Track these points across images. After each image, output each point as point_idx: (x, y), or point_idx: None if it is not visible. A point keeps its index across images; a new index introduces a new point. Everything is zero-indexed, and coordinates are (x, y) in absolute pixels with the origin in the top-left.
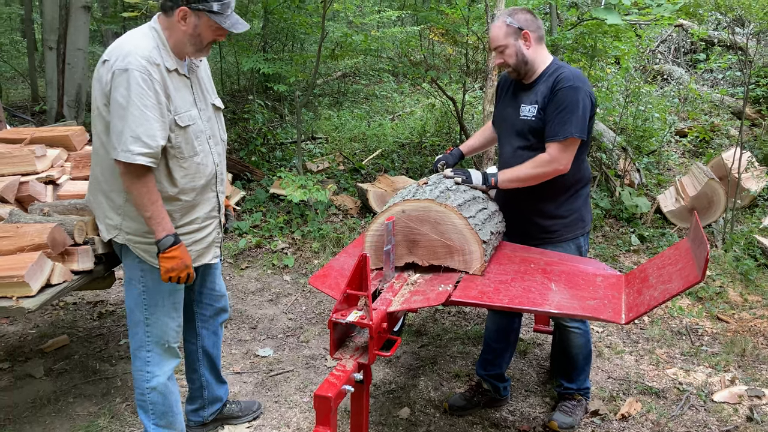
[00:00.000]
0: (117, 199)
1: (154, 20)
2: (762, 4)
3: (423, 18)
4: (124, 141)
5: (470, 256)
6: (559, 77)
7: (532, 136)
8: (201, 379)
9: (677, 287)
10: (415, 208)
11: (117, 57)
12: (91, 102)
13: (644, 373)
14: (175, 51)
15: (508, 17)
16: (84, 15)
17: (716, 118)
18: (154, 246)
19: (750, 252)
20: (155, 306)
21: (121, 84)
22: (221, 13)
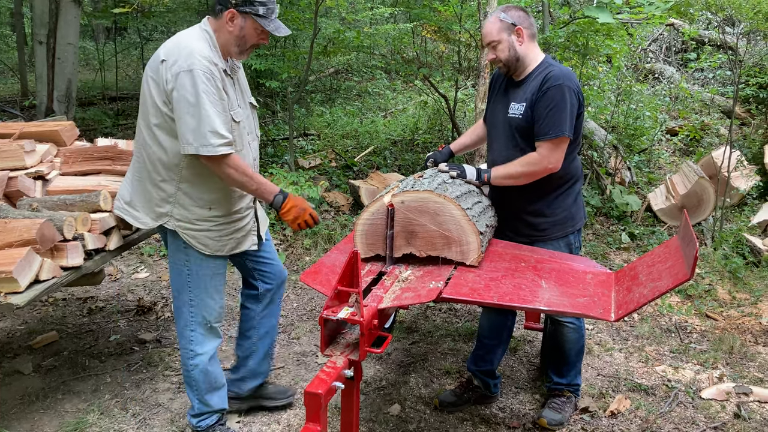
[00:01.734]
0: (168, 188)
1: (205, 23)
2: (752, 4)
3: (416, 15)
4: (203, 136)
5: (467, 246)
6: (548, 76)
7: (518, 134)
8: (252, 347)
9: (666, 285)
10: (414, 199)
11: (177, 58)
12: (141, 98)
13: (633, 370)
14: (222, 52)
15: (502, 13)
16: (74, 9)
17: (707, 116)
18: (202, 233)
19: (739, 250)
20: (199, 288)
21: (187, 84)
22: (266, 17)
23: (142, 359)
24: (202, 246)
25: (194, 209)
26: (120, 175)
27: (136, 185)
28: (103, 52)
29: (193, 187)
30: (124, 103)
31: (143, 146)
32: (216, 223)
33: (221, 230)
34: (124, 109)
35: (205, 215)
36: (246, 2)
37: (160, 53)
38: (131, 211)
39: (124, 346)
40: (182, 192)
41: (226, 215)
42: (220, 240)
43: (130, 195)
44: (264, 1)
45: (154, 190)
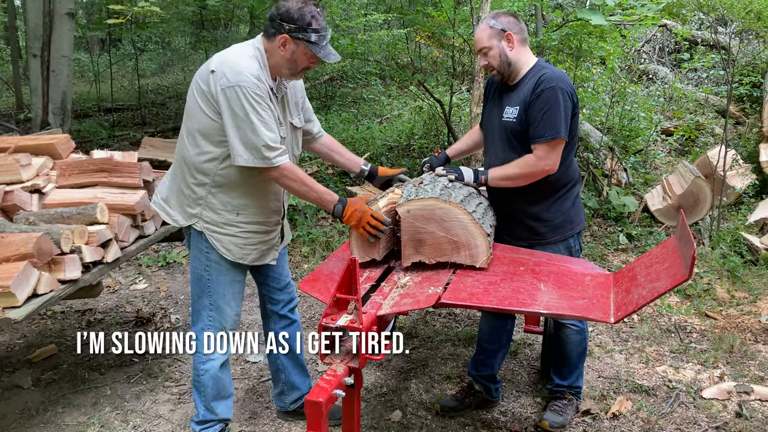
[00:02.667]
0: (199, 191)
1: (258, 40)
2: (744, 4)
3: (409, 21)
4: (256, 149)
5: (476, 249)
6: (541, 78)
7: (514, 138)
8: (277, 361)
9: (665, 285)
10: (420, 207)
11: (226, 71)
12: (187, 103)
13: (634, 372)
14: (271, 71)
15: (492, 20)
16: (68, 22)
17: (701, 116)
18: (228, 237)
19: (736, 249)
20: (217, 294)
21: (235, 99)
22: (317, 43)
23: (142, 371)
24: (225, 251)
25: (223, 213)
26: (116, 187)
27: (172, 184)
28: (97, 63)
29: (224, 192)
30: (119, 114)
31: (183, 148)
32: (242, 230)
33: (247, 238)
34: (119, 120)
35: (233, 220)
36: (299, 29)
37: (212, 63)
38: (166, 208)
39: (123, 357)
40: (213, 196)
41: (253, 223)
42: (244, 248)
43: (167, 192)
44: (317, 29)
45: (187, 191)
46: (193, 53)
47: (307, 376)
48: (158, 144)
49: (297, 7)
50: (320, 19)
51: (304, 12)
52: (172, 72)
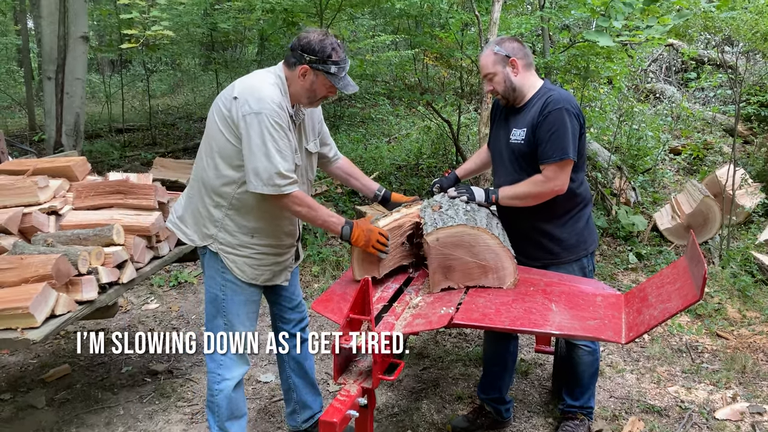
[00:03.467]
0: (216, 213)
1: (280, 68)
2: (750, 25)
3: (417, 42)
4: (269, 177)
5: (504, 272)
6: (548, 100)
7: (522, 159)
8: (289, 381)
9: (676, 306)
10: (449, 235)
11: (249, 98)
12: (208, 125)
13: (646, 392)
14: (291, 99)
15: (496, 46)
16: (82, 45)
17: (709, 135)
18: (242, 259)
19: (747, 268)
20: (232, 314)
21: (255, 126)
22: (336, 75)
23: (155, 390)
24: (239, 272)
25: (238, 235)
26: (132, 209)
27: (188, 204)
28: (109, 84)
29: (240, 215)
30: (130, 135)
31: (201, 170)
32: (257, 251)
33: (261, 259)
34: (130, 140)
35: (248, 242)
36: (320, 61)
37: (234, 89)
38: (182, 227)
39: (136, 377)
40: (229, 218)
41: (267, 245)
42: (258, 269)
43: (183, 211)
44: (337, 61)
45: (204, 212)
46: (203, 74)
47: (319, 395)
48: (169, 164)
49: (318, 38)
50: (340, 51)
51: (324, 44)
52: (182, 93)
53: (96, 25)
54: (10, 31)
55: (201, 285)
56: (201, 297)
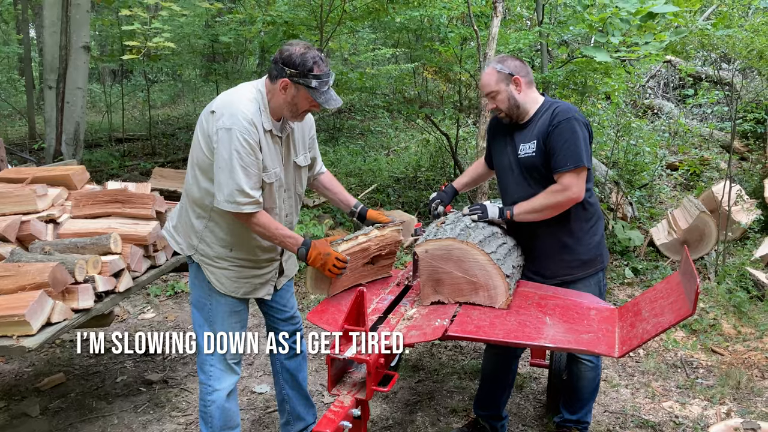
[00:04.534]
0: (197, 225)
1: (261, 83)
2: (745, 43)
3: (417, 56)
4: (230, 194)
5: (495, 291)
6: (556, 111)
7: (536, 172)
8: (282, 392)
9: (669, 321)
10: (438, 247)
11: (224, 113)
12: (193, 139)
13: (640, 407)
14: (273, 113)
15: (498, 64)
16: (84, 55)
17: (706, 151)
18: (220, 271)
19: (742, 284)
20: (218, 324)
21: (225, 141)
22: (317, 89)
23: (149, 400)
24: (218, 284)
25: (216, 248)
26: (130, 218)
27: (180, 214)
28: (109, 94)
29: (218, 228)
30: (130, 145)
31: (187, 182)
32: (234, 264)
33: (239, 272)
34: (130, 150)
35: (226, 255)
36: (300, 75)
37: (213, 104)
38: (175, 235)
39: (130, 387)
40: (209, 230)
41: (245, 260)
42: (237, 281)
43: (177, 220)
44: (318, 75)
45: (188, 223)
46: (203, 85)
47: (312, 407)
48: (168, 174)
49: (300, 52)
50: (322, 65)
51: (306, 57)
52: (182, 103)
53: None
54: (12, 40)
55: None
56: None
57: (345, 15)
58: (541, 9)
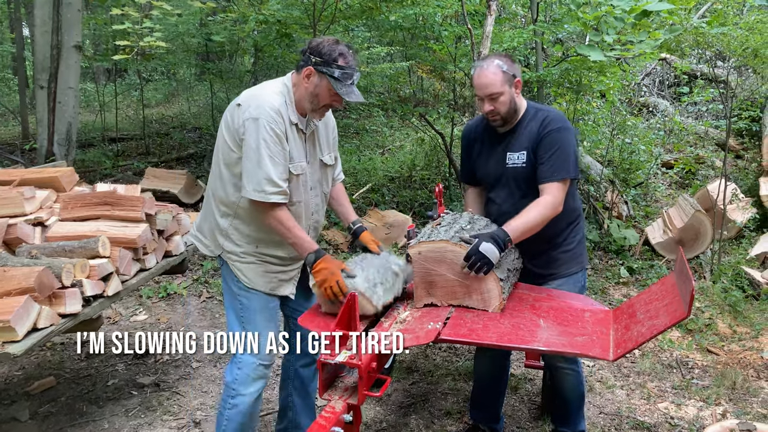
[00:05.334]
0: (223, 223)
1: (288, 77)
2: (740, 41)
3: (412, 55)
4: (258, 182)
5: (488, 294)
6: (547, 120)
7: (523, 182)
8: (288, 399)
9: (664, 323)
10: (431, 249)
11: (250, 105)
12: (218, 135)
13: (636, 408)
14: (297, 107)
15: (502, 63)
16: (75, 54)
17: (701, 149)
18: (247, 265)
19: (738, 283)
20: (251, 324)
21: (252, 130)
22: (341, 80)
23: (141, 404)
24: (245, 278)
25: (243, 244)
26: (119, 221)
27: (205, 215)
28: (103, 93)
29: (244, 224)
30: (123, 144)
31: (211, 180)
32: (261, 259)
33: (265, 267)
34: (123, 150)
35: (252, 251)
36: (325, 63)
37: (239, 98)
38: (201, 237)
39: (122, 390)
40: (233, 228)
41: (272, 256)
42: (264, 276)
43: (201, 222)
44: (343, 66)
45: (214, 222)
46: (198, 84)
47: (314, 417)
48: (161, 174)
49: (329, 43)
50: (349, 58)
51: (333, 48)
52: (176, 102)
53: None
54: (6, 39)
55: (190, 297)
56: (189, 309)
57: (338, 13)
58: (535, 7)
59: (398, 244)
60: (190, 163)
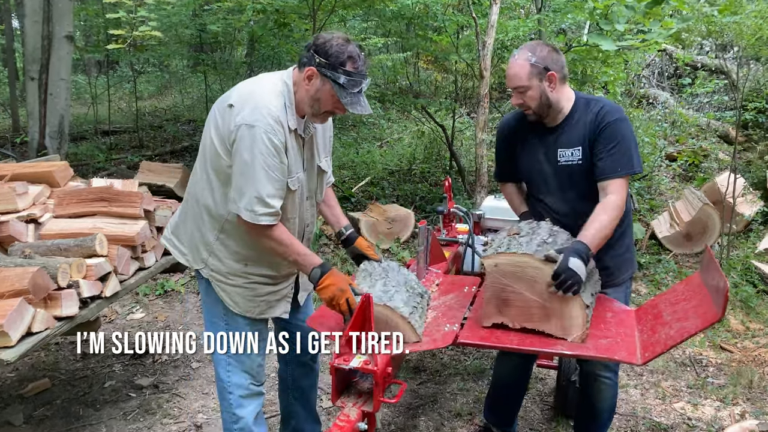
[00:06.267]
0: (208, 236)
1: (288, 73)
2: (754, 29)
3: (412, 45)
4: (249, 201)
5: (570, 321)
6: (602, 111)
7: (579, 179)
8: (290, 408)
9: (695, 325)
10: (510, 263)
11: (244, 108)
12: (203, 135)
13: (651, 408)
14: (297, 108)
15: (530, 54)
16: (67, 45)
17: (703, 141)
18: (234, 289)
19: (748, 278)
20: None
21: (246, 139)
22: (346, 88)
23: (139, 406)
24: (232, 303)
25: (229, 262)
26: (116, 217)
27: (183, 220)
28: (95, 85)
29: (232, 240)
30: (116, 137)
31: (195, 184)
32: (250, 281)
33: (254, 290)
34: (116, 143)
35: (240, 270)
36: (329, 66)
37: (232, 95)
38: (177, 244)
39: (119, 392)
40: (220, 243)
41: (262, 275)
42: (253, 300)
43: (178, 227)
44: (350, 72)
45: (197, 233)
46: (191, 76)
47: (318, 424)
48: (156, 168)
49: (337, 42)
50: (359, 62)
51: (342, 49)
52: (170, 94)
53: (83, 25)
54: None
55: (188, 294)
56: (188, 306)
57: (338, 2)
58: None
59: (401, 239)
60: (184, 156)
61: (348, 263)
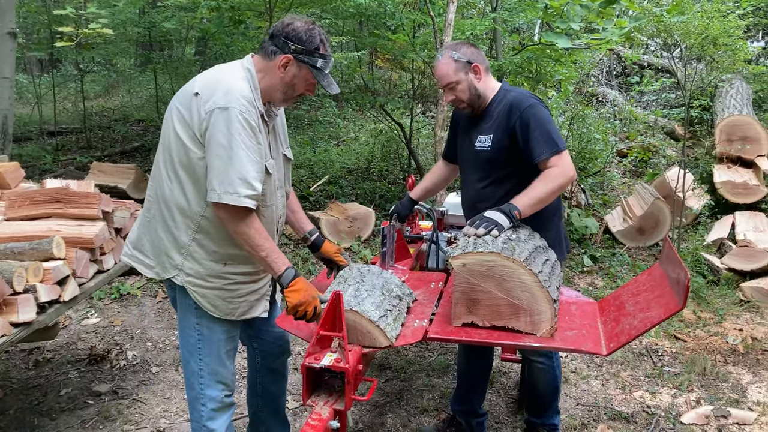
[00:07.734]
0: (182, 237)
1: (248, 60)
2: (700, 29)
3: (370, 44)
4: (231, 182)
5: (539, 316)
6: (513, 102)
7: (489, 166)
8: (259, 414)
9: (658, 315)
10: (478, 262)
11: (215, 93)
12: (163, 131)
13: (612, 398)
14: (263, 95)
15: (453, 52)
16: (10, 42)
17: (651, 138)
18: (213, 291)
19: (698, 269)
20: (211, 356)
21: (221, 123)
22: (322, 70)
23: (98, 413)
24: (212, 307)
25: (207, 263)
26: (72, 219)
27: (146, 229)
28: (38, 85)
29: (210, 239)
30: (63, 138)
31: (159, 186)
32: (230, 281)
33: (234, 290)
34: (63, 144)
35: (219, 271)
36: (306, 52)
37: (195, 85)
38: (141, 257)
39: (76, 400)
40: (197, 243)
41: (242, 273)
42: (233, 302)
43: (140, 238)
44: (324, 54)
45: (165, 238)
46: (139, 75)
47: (287, 427)
48: (108, 169)
49: (305, 27)
50: (327, 44)
51: (313, 34)
52: (117, 94)
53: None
54: None
55: (145, 297)
56: (145, 310)
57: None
58: None
59: (362, 237)
60: (135, 156)
61: (310, 262)
